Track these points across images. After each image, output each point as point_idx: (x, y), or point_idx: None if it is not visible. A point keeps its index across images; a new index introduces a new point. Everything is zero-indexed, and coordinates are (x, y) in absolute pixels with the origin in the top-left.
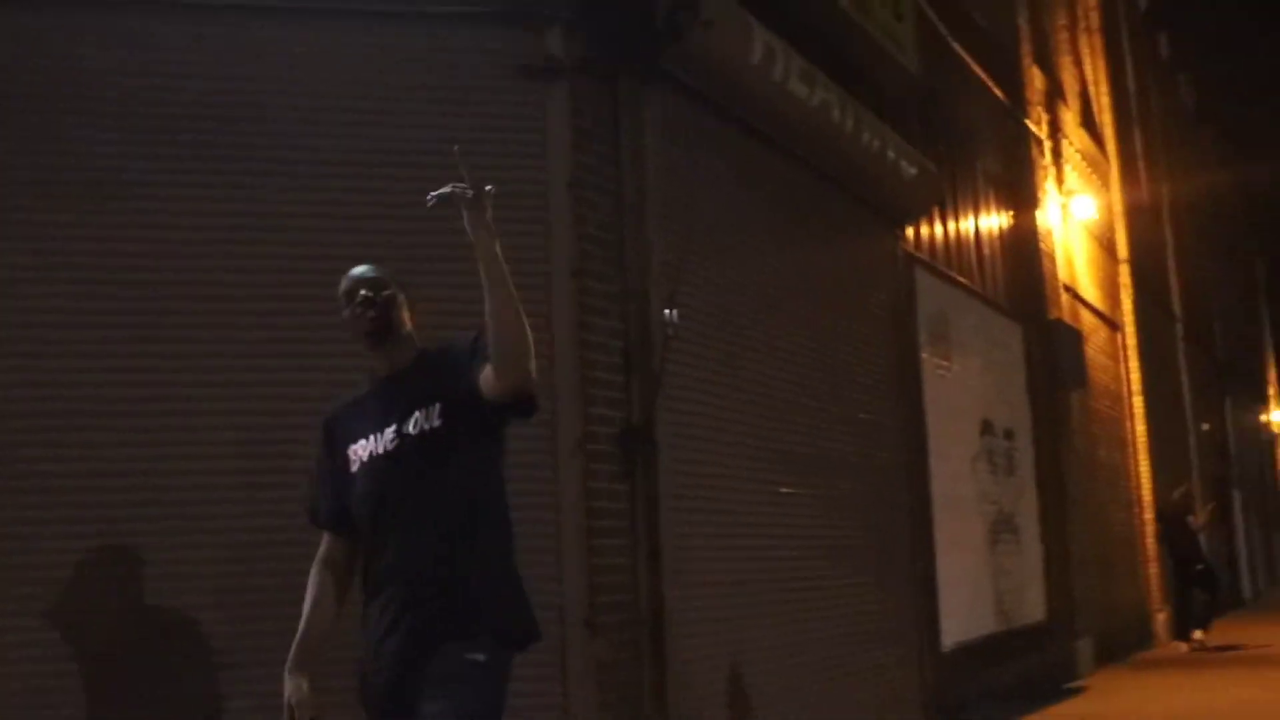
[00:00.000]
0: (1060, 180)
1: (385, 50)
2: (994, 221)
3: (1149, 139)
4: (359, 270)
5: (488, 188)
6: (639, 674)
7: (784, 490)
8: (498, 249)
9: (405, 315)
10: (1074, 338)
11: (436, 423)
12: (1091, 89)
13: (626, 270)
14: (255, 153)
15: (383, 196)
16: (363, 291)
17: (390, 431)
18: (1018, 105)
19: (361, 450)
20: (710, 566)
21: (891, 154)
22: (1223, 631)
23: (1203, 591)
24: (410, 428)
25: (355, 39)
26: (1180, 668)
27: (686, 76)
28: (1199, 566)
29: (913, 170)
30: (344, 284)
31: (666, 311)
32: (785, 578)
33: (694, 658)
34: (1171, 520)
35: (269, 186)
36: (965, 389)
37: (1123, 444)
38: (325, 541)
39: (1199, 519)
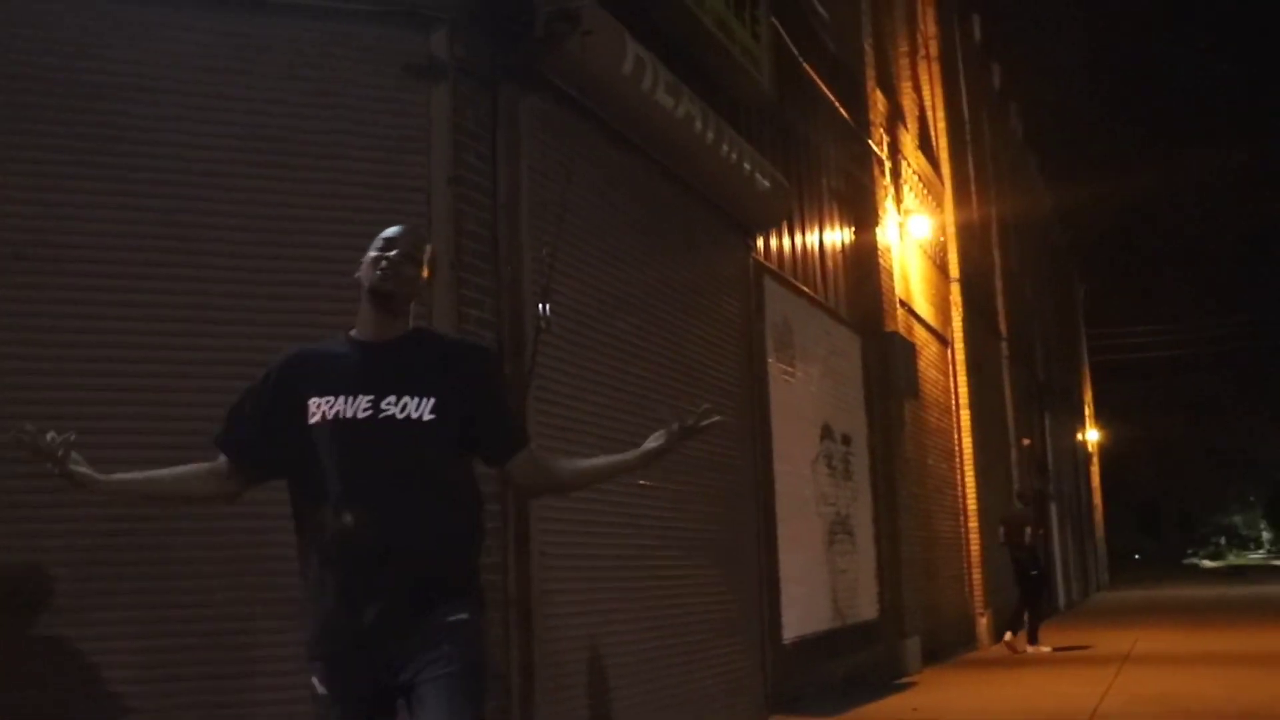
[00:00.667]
0: (899, 200)
1: (274, 41)
2: (837, 236)
3: (980, 164)
4: (404, 228)
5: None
6: (508, 653)
7: (641, 483)
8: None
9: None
10: (908, 350)
11: (428, 416)
12: (929, 114)
13: (501, 265)
14: (138, 135)
15: (267, 183)
16: (395, 251)
17: (365, 400)
18: (861, 126)
19: (327, 407)
20: (574, 552)
21: (747, 167)
22: (1045, 636)
23: (1027, 596)
24: (395, 408)
25: (244, 29)
26: (1002, 667)
27: (562, 82)
28: (1033, 573)
29: (766, 183)
30: (390, 232)
31: (540, 306)
32: (642, 566)
33: (560, 638)
34: (1010, 529)
35: (150, 169)
36: (807, 394)
37: (950, 455)
38: (222, 460)
39: (1028, 537)
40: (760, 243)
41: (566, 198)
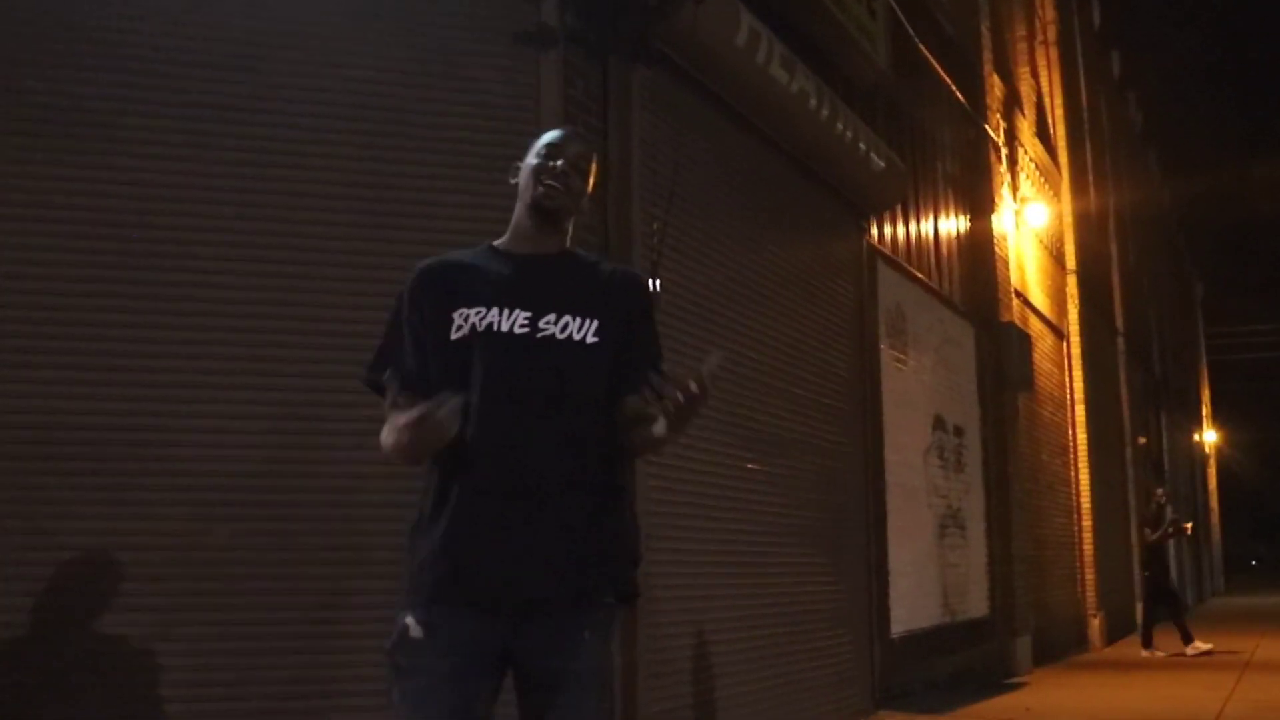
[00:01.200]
0: (1015, 187)
1: (384, 9)
2: (952, 223)
3: (1098, 154)
4: (569, 132)
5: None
6: None
7: (750, 467)
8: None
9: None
10: (1024, 342)
11: (592, 339)
12: (1046, 100)
13: (610, 239)
14: (248, 103)
15: (375, 153)
16: (562, 162)
17: (522, 315)
18: (978, 110)
19: (477, 319)
20: (680, 535)
21: (863, 146)
22: (1161, 641)
23: (1160, 600)
24: (555, 328)
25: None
26: (1116, 670)
27: (674, 54)
28: (1145, 573)
29: (881, 163)
30: (554, 136)
31: (650, 281)
32: (748, 553)
33: (663, 623)
34: (1142, 527)
35: (259, 137)
36: (919, 383)
37: (1064, 451)
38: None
39: (1151, 535)
40: (874, 226)
41: (677, 172)
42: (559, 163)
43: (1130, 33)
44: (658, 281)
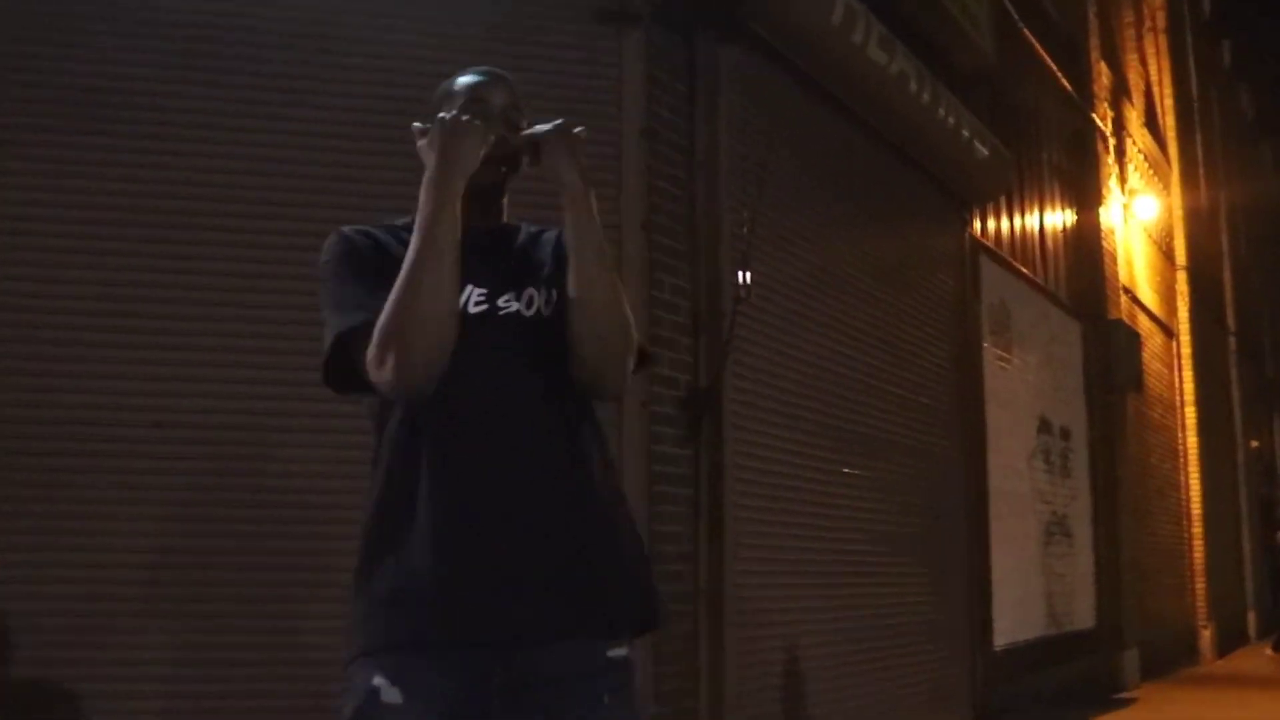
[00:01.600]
0: (1123, 179)
1: None
2: (1058, 216)
3: (1209, 146)
4: (494, 80)
5: (578, 129)
6: (695, 646)
7: (845, 470)
8: (594, 203)
9: None
10: (1133, 340)
11: (558, 314)
12: (1155, 90)
13: (697, 228)
14: (311, 84)
15: None
16: (489, 119)
17: (476, 292)
18: (1084, 99)
19: None
20: (769, 542)
21: (966, 133)
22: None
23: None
24: (520, 303)
25: None
26: (1230, 685)
27: (764, 32)
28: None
29: (985, 151)
30: (471, 89)
31: (739, 274)
32: (842, 560)
33: (751, 635)
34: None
35: (323, 120)
36: (1024, 383)
37: (1174, 454)
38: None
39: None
40: (976, 218)
41: (768, 157)
42: (498, 122)
43: (1243, 22)
44: (747, 274)
